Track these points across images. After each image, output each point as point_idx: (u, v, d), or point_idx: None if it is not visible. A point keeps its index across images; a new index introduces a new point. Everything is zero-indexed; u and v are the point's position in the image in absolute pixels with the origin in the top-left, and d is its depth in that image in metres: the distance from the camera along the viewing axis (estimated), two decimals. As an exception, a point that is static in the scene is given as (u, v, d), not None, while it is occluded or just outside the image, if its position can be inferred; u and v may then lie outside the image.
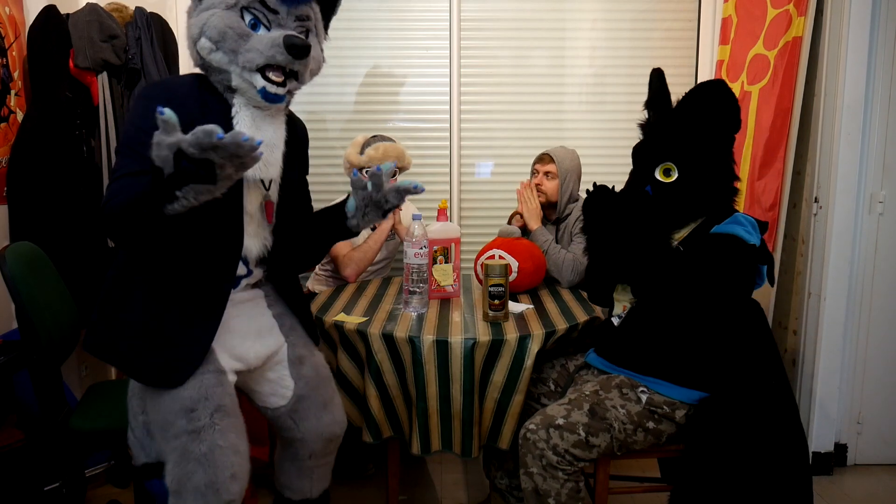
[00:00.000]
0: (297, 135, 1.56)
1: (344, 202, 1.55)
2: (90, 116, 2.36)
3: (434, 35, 3.00)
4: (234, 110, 1.38)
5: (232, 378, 1.45)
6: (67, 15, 2.35)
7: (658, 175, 1.68)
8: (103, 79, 2.34)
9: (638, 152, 1.76)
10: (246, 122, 1.38)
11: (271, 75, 1.32)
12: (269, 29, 1.33)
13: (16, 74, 2.33)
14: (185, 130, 1.14)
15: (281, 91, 1.34)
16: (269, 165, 1.41)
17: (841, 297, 2.39)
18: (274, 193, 1.49)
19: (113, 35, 2.34)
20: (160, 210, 1.15)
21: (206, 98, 1.38)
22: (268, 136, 1.40)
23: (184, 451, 1.33)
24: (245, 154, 1.06)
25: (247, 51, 1.30)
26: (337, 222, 1.55)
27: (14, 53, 2.32)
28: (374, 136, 2.54)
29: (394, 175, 2.52)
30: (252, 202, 1.44)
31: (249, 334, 1.52)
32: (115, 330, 1.41)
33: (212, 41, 1.32)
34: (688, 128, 1.66)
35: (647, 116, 1.81)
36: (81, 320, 2.42)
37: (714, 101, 1.64)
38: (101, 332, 1.43)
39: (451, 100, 3.02)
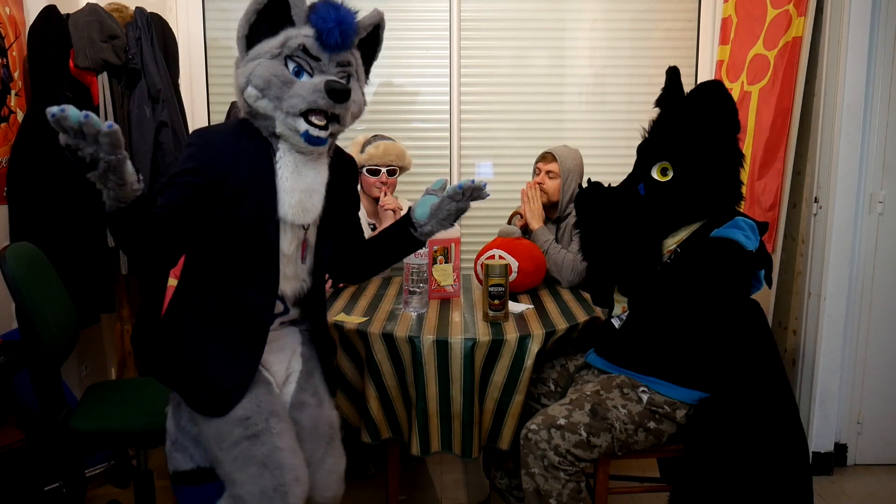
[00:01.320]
0: (342, 173, 1.58)
1: (406, 217, 1.61)
2: (90, 116, 2.36)
3: (434, 35, 3.00)
4: (277, 155, 1.43)
5: (277, 391, 1.50)
6: (67, 15, 2.35)
7: (655, 174, 1.68)
8: (103, 79, 2.34)
9: (639, 150, 1.76)
10: (289, 167, 1.42)
11: (314, 119, 1.36)
12: (311, 76, 1.38)
13: (16, 74, 2.33)
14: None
15: (323, 134, 1.38)
16: (306, 211, 1.45)
17: (841, 297, 2.39)
18: (312, 235, 1.52)
19: (113, 35, 2.34)
20: (108, 212, 1.21)
21: (246, 144, 1.43)
22: (308, 181, 1.44)
23: (245, 457, 1.37)
24: (86, 129, 1.08)
25: (290, 97, 1.35)
26: (404, 237, 1.61)
27: (14, 53, 2.32)
28: (375, 136, 2.55)
29: (395, 174, 2.53)
30: (289, 244, 1.48)
31: (277, 356, 1.55)
32: (171, 354, 1.47)
33: (258, 89, 1.36)
34: (684, 128, 1.66)
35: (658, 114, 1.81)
36: (81, 321, 2.41)
37: (710, 102, 1.64)
38: (160, 358, 1.49)
39: (451, 100, 3.02)
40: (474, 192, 1.56)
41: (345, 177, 1.60)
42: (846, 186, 2.33)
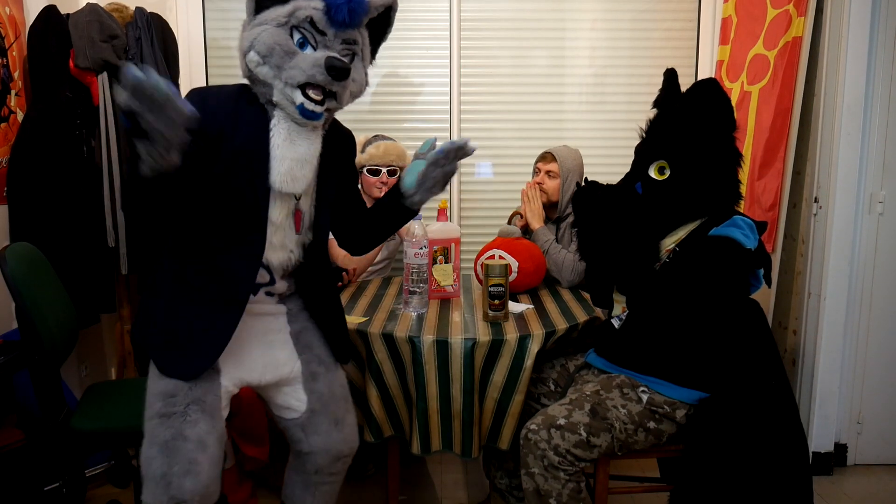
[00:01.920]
0: (339, 147, 1.58)
1: (395, 187, 1.59)
2: (90, 116, 2.36)
3: (434, 35, 3.00)
4: (272, 122, 1.42)
5: (227, 384, 1.47)
6: (67, 15, 2.35)
7: (652, 173, 1.69)
8: (103, 79, 2.34)
9: (637, 150, 1.77)
10: (282, 134, 1.41)
11: (311, 93, 1.36)
12: (315, 49, 1.37)
13: (16, 74, 2.33)
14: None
15: (318, 109, 1.38)
16: (295, 180, 1.43)
17: (841, 297, 2.39)
18: (305, 205, 1.51)
19: (113, 35, 2.34)
20: (140, 174, 1.20)
21: (244, 109, 1.42)
22: (301, 151, 1.43)
23: (151, 434, 1.36)
24: (157, 97, 1.07)
25: (290, 67, 1.34)
26: (395, 206, 1.60)
27: (14, 53, 2.32)
28: (376, 136, 2.55)
29: (395, 175, 2.53)
30: (278, 212, 1.46)
31: (257, 348, 1.53)
32: (147, 318, 1.47)
33: (260, 55, 1.35)
34: (681, 126, 1.66)
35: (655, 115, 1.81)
36: (81, 321, 2.41)
37: (706, 100, 1.63)
38: (139, 319, 1.50)
39: (451, 100, 3.02)
40: (458, 152, 1.52)
41: (341, 150, 1.59)
42: (846, 186, 2.33)
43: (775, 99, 2.43)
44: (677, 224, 1.69)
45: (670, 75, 1.77)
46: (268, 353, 1.55)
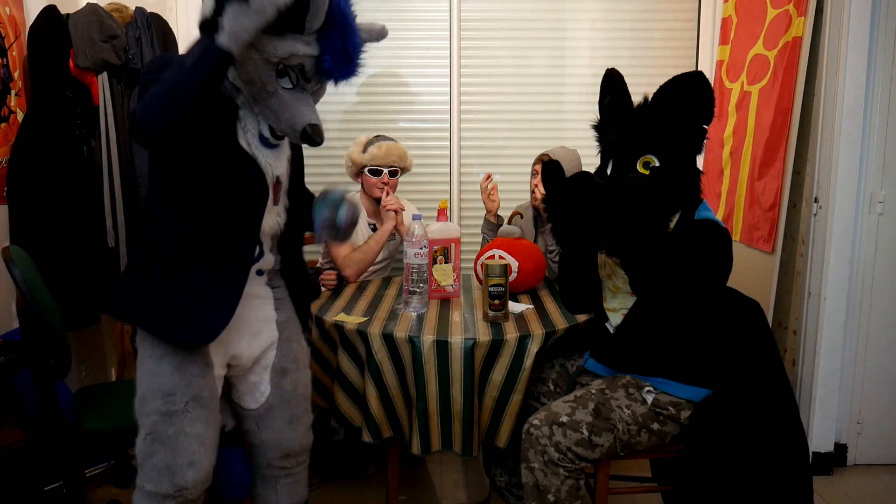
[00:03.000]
0: None
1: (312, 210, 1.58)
2: (90, 116, 2.36)
3: (434, 35, 3.00)
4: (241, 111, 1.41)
5: (219, 373, 1.49)
6: (67, 15, 2.36)
7: (639, 168, 1.61)
8: (103, 79, 2.34)
9: (613, 148, 1.67)
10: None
11: (275, 136, 1.41)
12: (294, 84, 1.35)
13: (16, 74, 2.33)
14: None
15: (278, 142, 1.43)
16: (272, 167, 1.46)
17: (841, 297, 2.39)
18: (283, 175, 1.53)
19: (113, 35, 2.34)
20: (209, 57, 1.20)
21: None
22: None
23: (153, 430, 1.39)
24: None
25: (266, 108, 1.36)
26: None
27: (14, 53, 2.32)
28: (377, 136, 2.55)
29: (396, 175, 2.52)
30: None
31: (247, 332, 1.54)
32: (143, 293, 1.41)
33: (240, 78, 1.35)
34: (668, 119, 1.60)
35: (602, 116, 1.79)
36: (80, 321, 2.42)
37: (692, 93, 1.57)
38: (129, 296, 1.43)
39: (451, 100, 3.02)
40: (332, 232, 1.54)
41: None
42: (846, 186, 2.33)
43: (775, 99, 2.43)
44: (671, 213, 1.67)
45: (615, 75, 1.80)
46: (253, 340, 1.56)
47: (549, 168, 1.66)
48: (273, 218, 1.51)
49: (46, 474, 2.01)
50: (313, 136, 1.32)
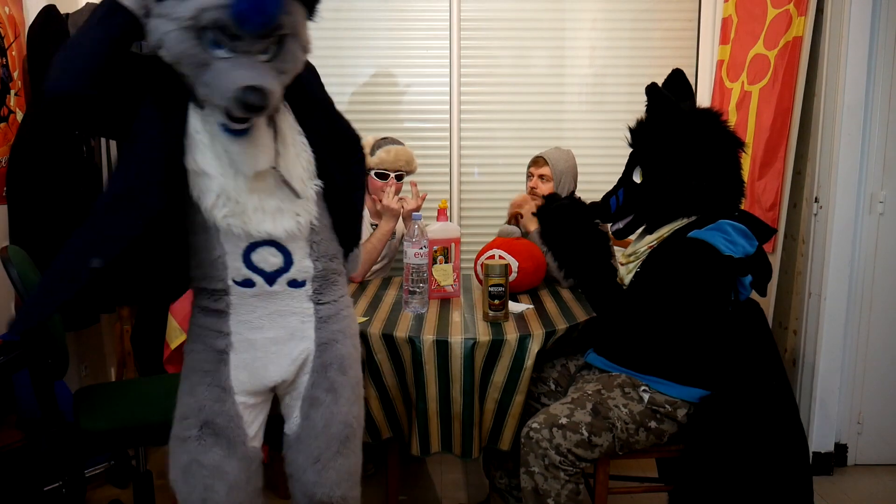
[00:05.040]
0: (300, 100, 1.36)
1: None
2: (90, 116, 2.36)
3: (434, 35, 2.99)
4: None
5: (245, 400, 1.34)
6: (67, 15, 2.35)
7: (636, 177, 1.72)
8: (103, 79, 2.34)
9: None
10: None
11: (232, 118, 1.16)
12: (231, 51, 1.14)
13: (16, 74, 2.33)
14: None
15: (244, 126, 1.18)
16: (256, 158, 1.24)
17: (841, 297, 2.39)
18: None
19: (113, 35, 2.34)
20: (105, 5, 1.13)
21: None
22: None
23: (173, 455, 1.33)
24: None
25: (204, 85, 1.15)
26: None
27: (14, 53, 2.32)
28: (385, 139, 2.53)
29: (402, 179, 2.52)
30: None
31: (274, 354, 1.36)
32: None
33: (172, 61, 1.17)
34: (651, 132, 1.70)
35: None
36: (80, 321, 2.41)
37: (654, 103, 1.68)
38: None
39: (451, 100, 3.02)
40: None
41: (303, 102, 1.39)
42: (846, 186, 2.33)
43: (775, 99, 2.43)
44: (658, 225, 1.70)
45: (655, 89, 1.75)
46: (282, 360, 1.36)
47: (542, 210, 1.80)
48: (288, 220, 1.27)
49: (46, 474, 2.01)
50: (247, 99, 1.09)
